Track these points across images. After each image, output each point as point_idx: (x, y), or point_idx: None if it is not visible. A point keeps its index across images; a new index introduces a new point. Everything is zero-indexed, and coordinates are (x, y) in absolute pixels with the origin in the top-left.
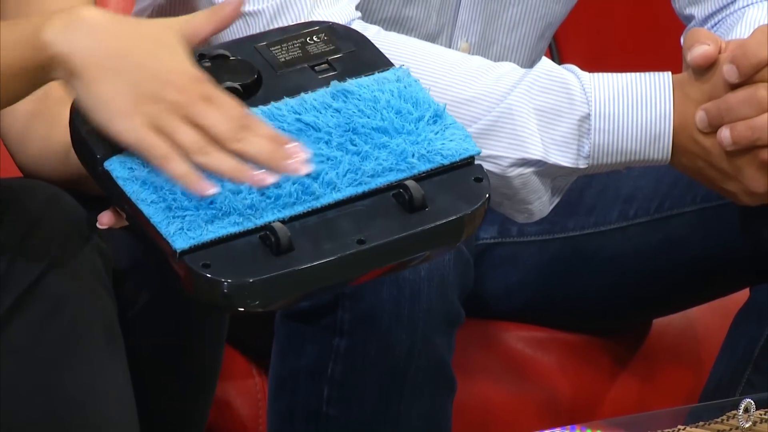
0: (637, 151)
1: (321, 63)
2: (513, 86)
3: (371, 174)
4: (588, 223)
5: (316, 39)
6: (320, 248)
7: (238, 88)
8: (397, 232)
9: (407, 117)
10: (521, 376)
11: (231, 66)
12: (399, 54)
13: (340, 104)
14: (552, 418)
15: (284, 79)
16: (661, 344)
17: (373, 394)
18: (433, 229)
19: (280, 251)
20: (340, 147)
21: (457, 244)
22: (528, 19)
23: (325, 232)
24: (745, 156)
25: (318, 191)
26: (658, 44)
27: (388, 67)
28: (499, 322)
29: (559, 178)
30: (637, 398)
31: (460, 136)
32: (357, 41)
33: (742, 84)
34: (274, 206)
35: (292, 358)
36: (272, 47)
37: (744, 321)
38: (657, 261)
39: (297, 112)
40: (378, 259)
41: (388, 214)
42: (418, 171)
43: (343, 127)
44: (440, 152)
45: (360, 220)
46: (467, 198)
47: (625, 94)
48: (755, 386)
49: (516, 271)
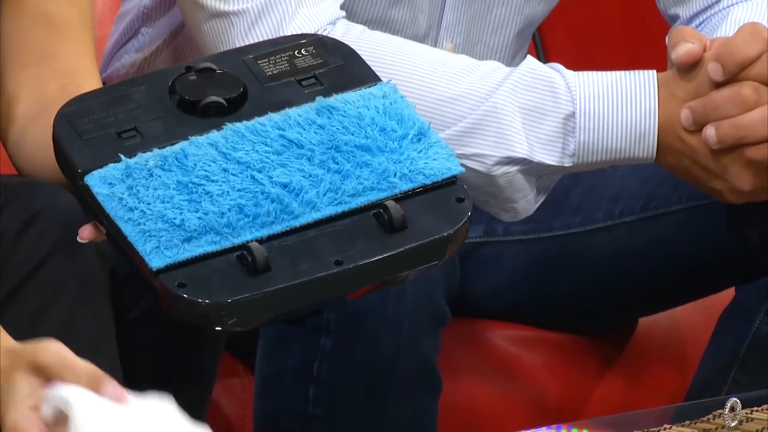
0: (623, 149)
1: (308, 77)
2: (498, 85)
3: (351, 193)
4: (574, 222)
5: (304, 52)
6: (297, 269)
7: (222, 102)
8: (375, 254)
9: (391, 135)
10: (507, 375)
11: (217, 79)
12: (384, 53)
13: (325, 120)
14: (538, 417)
15: (270, 93)
16: (647, 344)
17: (360, 393)
18: (412, 249)
19: (257, 271)
20: (321, 165)
21: (439, 263)
22: (511, 19)
23: (303, 252)
24: (730, 154)
25: (297, 210)
26: (644, 44)
27: (375, 83)
28: (485, 321)
29: (544, 177)
30: (623, 397)
31: (443, 155)
32: (345, 55)
33: (726, 82)
34: (252, 225)
35: (278, 358)
36: (260, 60)
37: (729, 320)
38: (643, 260)
39: (281, 128)
40: (356, 280)
41: (368, 234)
42: (399, 190)
43: (326, 145)
44: (423, 171)
45: (339, 240)
46: (449, 218)
47: (610, 93)
48: (741, 385)
49: (502, 270)
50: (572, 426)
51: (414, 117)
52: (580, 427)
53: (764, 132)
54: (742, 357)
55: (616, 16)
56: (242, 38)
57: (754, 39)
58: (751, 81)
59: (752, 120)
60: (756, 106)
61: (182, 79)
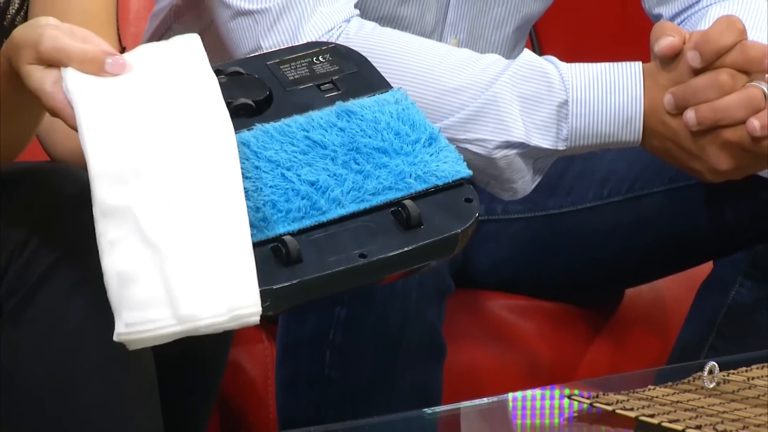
0: (612, 133)
1: (326, 82)
2: (497, 75)
3: (372, 192)
4: (566, 202)
5: (321, 59)
6: (326, 261)
7: (251, 103)
8: (395, 248)
9: (405, 139)
10: (505, 341)
11: (244, 82)
12: (395, 48)
13: (344, 124)
14: (533, 378)
15: (293, 96)
16: (632, 312)
17: (371, 358)
18: (428, 245)
19: (290, 262)
20: (345, 165)
21: (450, 256)
22: (510, 17)
23: (330, 246)
24: (708, 136)
25: (324, 207)
26: (630, 39)
27: (388, 89)
28: (485, 292)
29: (540, 159)
30: (610, 361)
31: (453, 158)
32: (359, 62)
33: (704, 69)
34: (285, 219)
35: (297, 326)
36: (282, 65)
37: (708, 291)
38: (629, 237)
39: (305, 129)
40: (377, 272)
41: (387, 230)
42: (414, 190)
43: (347, 146)
44: (435, 173)
45: (361, 235)
46: (459, 217)
47: (600, 82)
48: (718, 351)
49: (500, 246)
50: (564, 386)
51: (425, 122)
52: (572, 388)
53: (740, 114)
54: (719, 325)
55: (604, 14)
56: (265, 34)
57: (729, 30)
58: (727, 68)
59: (728, 103)
60: (732, 91)
61: None
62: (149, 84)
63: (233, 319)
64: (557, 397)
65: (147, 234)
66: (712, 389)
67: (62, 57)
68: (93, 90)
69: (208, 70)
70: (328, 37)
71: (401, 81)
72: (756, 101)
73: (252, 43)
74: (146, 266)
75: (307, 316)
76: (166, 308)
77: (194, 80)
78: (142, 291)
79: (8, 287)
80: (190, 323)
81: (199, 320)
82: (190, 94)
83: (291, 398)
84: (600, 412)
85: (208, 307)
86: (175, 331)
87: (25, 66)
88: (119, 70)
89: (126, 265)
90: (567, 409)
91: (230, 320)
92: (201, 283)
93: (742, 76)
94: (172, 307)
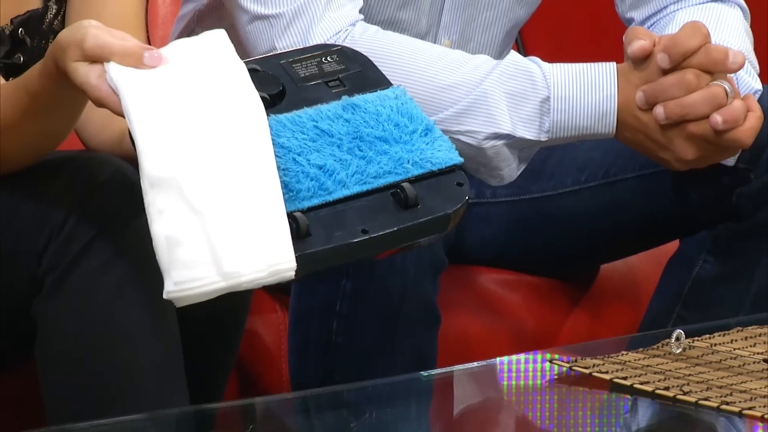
0: (589, 126)
1: (333, 79)
2: (487, 74)
3: (374, 175)
4: (548, 187)
5: (329, 59)
6: (332, 235)
7: (266, 97)
8: (394, 225)
9: (404, 129)
10: (494, 311)
11: (261, 78)
12: (395, 48)
13: (350, 115)
14: (518, 345)
15: (303, 91)
16: (607, 285)
17: (373, 326)
18: (423, 223)
19: (300, 236)
20: (349, 151)
21: (443, 234)
22: (498, 21)
23: (335, 222)
24: (675, 129)
25: (331, 188)
26: (605, 41)
27: (388, 86)
28: (476, 267)
29: (525, 149)
30: (587, 329)
31: (446, 147)
32: (362, 62)
33: (672, 69)
34: (296, 198)
35: (307, 297)
36: (294, 64)
37: (675, 266)
38: (604, 218)
39: (314, 120)
40: (378, 246)
41: (387, 209)
42: (411, 174)
43: (352, 135)
44: (430, 160)
45: (364, 213)
46: (451, 199)
47: (579, 80)
48: (684, 319)
49: (489, 226)
50: (546, 352)
51: (421, 115)
52: (553, 353)
53: (704, 110)
54: (685, 296)
55: (583, 19)
56: (279, 36)
57: (695, 34)
58: (692, 68)
59: (694, 100)
60: (697, 89)
61: None
62: (185, 72)
63: (272, 274)
64: (540, 362)
65: (191, 201)
66: (679, 354)
67: (105, 53)
68: (135, 80)
69: (235, 58)
70: (336, 39)
71: (401, 78)
72: (718, 98)
73: (268, 44)
74: (192, 230)
75: (317, 289)
76: (211, 267)
77: (225, 67)
78: (189, 252)
79: (48, 264)
80: (233, 279)
81: (242, 276)
82: (222, 78)
83: (302, 362)
84: (578, 375)
85: (249, 264)
86: (220, 287)
87: (71, 63)
88: (156, 63)
89: (173, 230)
90: (549, 372)
91: (269, 275)
92: (241, 243)
93: (706, 76)
94: (216, 265)
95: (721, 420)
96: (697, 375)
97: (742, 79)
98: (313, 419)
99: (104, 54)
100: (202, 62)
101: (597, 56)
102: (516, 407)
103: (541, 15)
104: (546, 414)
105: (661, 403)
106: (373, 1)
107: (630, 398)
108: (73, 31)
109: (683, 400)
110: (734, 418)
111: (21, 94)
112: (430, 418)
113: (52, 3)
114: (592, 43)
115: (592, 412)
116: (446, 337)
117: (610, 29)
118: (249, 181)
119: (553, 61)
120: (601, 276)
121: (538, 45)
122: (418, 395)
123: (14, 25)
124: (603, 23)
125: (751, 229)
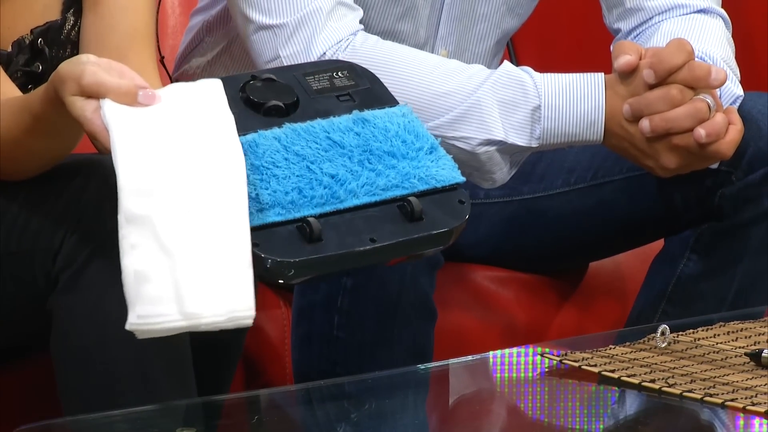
0: (577, 134)
1: (344, 94)
2: (481, 83)
3: (383, 188)
4: (539, 188)
5: (340, 74)
6: (342, 241)
7: (282, 105)
8: (400, 236)
9: (410, 146)
10: (487, 307)
11: (276, 87)
12: (393, 58)
13: (360, 129)
14: (511, 339)
15: (316, 103)
16: (595, 282)
17: (373, 321)
18: (426, 236)
19: (312, 240)
20: (360, 163)
21: (444, 247)
22: (492, 32)
23: (345, 229)
24: (660, 141)
25: (342, 196)
26: (594, 51)
27: (395, 104)
28: (470, 264)
29: (516, 154)
30: (577, 324)
31: (450, 166)
32: (371, 80)
33: (658, 85)
34: (309, 204)
35: (310, 293)
36: (307, 76)
37: (660, 264)
38: (592, 218)
39: (327, 131)
40: (384, 254)
41: (394, 220)
42: (417, 189)
43: (362, 148)
44: (435, 177)
45: (372, 223)
46: (453, 215)
47: (568, 90)
48: (669, 315)
49: (483, 225)
50: (537, 346)
51: (426, 134)
52: (544, 347)
53: (687, 124)
54: (670, 293)
55: (572, 30)
56: (283, 45)
57: (679, 51)
58: (677, 84)
59: (678, 115)
60: (681, 104)
61: (250, 85)
62: (174, 115)
63: (230, 320)
64: (531, 355)
65: (163, 241)
66: (664, 348)
67: (101, 90)
68: (126, 119)
69: (225, 108)
70: (337, 47)
71: (400, 86)
72: (701, 113)
73: (272, 53)
74: (160, 268)
75: (319, 285)
76: (174, 305)
77: (213, 115)
78: (155, 289)
79: (63, 262)
80: (193, 320)
81: (202, 318)
82: (209, 126)
83: (305, 355)
84: (568, 368)
85: (209, 307)
86: (180, 325)
87: (69, 96)
88: (150, 101)
89: (143, 265)
90: (540, 365)
91: (228, 321)
92: (205, 287)
93: (690, 91)
94: (179, 304)
95: (705, 411)
96: (682, 368)
97: (724, 85)
98: (316, 410)
99: (100, 91)
100: (192, 108)
101: (586, 65)
102: (508, 398)
103: (532, 26)
104: (537, 405)
105: (647, 395)
106: (374, 12)
107: (617, 390)
108: (72, 66)
109: (668, 392)
110: (717, 409)
111: (25, 114)
112: (426, 408)
113: (70, 15)
114: (581, 51)
115: (581, 403)
116: (442, 331)
117: (598, 39)
118: (221, 228)
119: (544, 70)
120: (590, 273)
121: (529, 55)
122: (416, 387)
123: (34, 35)
124: (591, 33)
125: (732, 229)
